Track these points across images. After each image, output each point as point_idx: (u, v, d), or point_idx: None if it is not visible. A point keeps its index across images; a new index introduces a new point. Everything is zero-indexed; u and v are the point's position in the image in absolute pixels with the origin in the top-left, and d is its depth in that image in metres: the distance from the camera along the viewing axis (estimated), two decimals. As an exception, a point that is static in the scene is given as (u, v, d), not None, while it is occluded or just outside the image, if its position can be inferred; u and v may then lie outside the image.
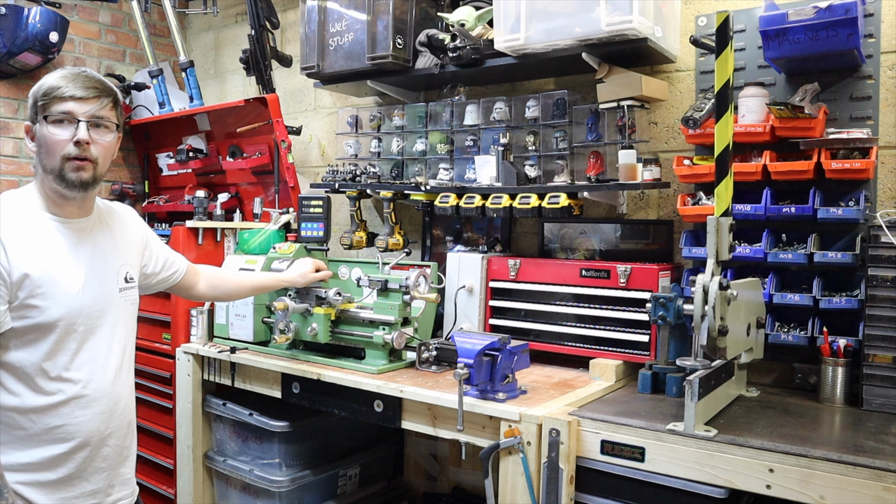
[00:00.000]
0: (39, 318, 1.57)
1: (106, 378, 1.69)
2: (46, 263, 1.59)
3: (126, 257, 1.80)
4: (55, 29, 3.35)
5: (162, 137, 3.83)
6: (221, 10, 3.92)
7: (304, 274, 2.42)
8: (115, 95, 1.67)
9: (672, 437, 1.70)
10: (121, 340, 1.75)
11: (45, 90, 1.59)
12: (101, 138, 1.62)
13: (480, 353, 1.95)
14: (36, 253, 1.58)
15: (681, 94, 2.50)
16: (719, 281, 1.74)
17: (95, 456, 1.68)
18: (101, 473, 1.70)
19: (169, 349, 2.93)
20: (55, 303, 1.58)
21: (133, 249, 1.84)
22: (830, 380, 2.01)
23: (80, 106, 1.58)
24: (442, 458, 3.08)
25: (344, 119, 3.11)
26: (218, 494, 2.90)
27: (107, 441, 1.70)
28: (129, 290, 1.78)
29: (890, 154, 2.12)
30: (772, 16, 2.03)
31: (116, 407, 1.72)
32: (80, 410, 1.64)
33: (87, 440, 1.65)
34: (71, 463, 1.64)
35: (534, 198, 2.48)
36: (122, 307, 1.75)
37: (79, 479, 1.66)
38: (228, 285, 2.25)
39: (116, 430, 1.73)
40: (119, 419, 1.73)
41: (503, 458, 1.88)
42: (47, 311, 1.57)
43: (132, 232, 1.86)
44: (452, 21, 2.63)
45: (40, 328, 1.58)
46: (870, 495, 1.46)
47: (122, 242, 1.80)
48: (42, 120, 1.59)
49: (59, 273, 1.60)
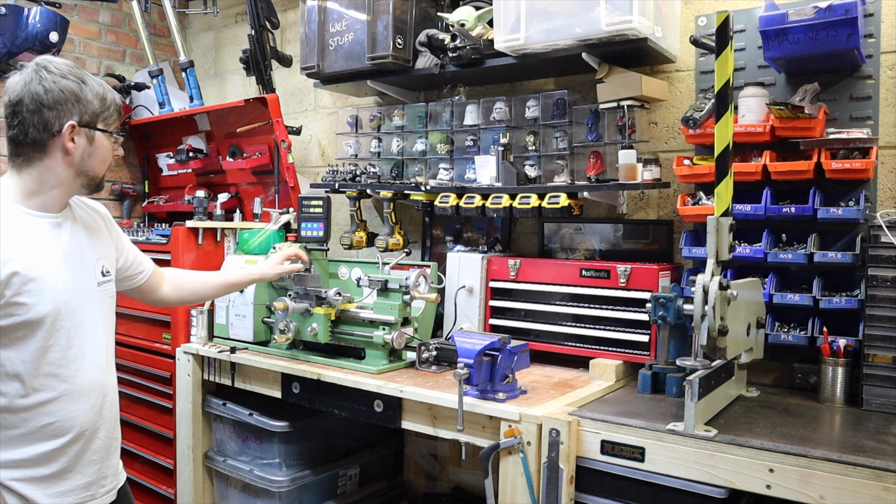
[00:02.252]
0: (27, 315, 1.56)
1: (94, 372, 1.70)
2: (31, 259, 1.58)
3: (101, 250, 1.79)
4: (55, 29, 3.35)
5: (162, 137, 3.83)
6: (221, 10, 3.92)
7: (273, 266, 2.37)
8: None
9: (672, 437, 1.70)
10: (104, 334, 1.76)
11: (110, 102, 1.68)
12: None
13: (480, 353, 1.95)
14: (20, 249, 1.57)
15: (681, 94, 2.50)
16: (719, 281, 1.74)
17: (87, 449, 1.70)
18: (93, 466, 1.71)
19: (169, 349, 2.93)
20: (42, 299, 1.58)
21: (105, 243, 1.83)
22: (830, 380, 2.01)
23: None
24: (442, 458, 3.08)
25: (344, 119, 3.11)
26: (218, 494, 2.90)
27: (98, 433, 1.72)
28: (106, 283, 1.78)
29: (890, 154, 2.12)
30: (772, 16, 2.03)
31: (105, 399, 1.74)
32: (71, 405, 1.65)
33: (80, 434, 1.67)
34: (64, 457, 1.65)
35: (534, 198, 2.48)
36: (101, 301, 1.75)
37: (72, 472, 1.67)
38: (192, 286, 2.17)
39: (106, 422, 1.75)
40: (108, 411, 1.76)
41: (503, 458, 1.88)
42: (35, 307, 1.57)
43: (103, 226, 1.85)
44: (452, 21, 2.63)
45: (28, 325, 1.57)
46: (870, 495, 1.46)
47: (95, 236, 1.79)
48: (104, 131, 1.68)
49: (43, 268, 1.60)
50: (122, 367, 2.94)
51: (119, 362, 2.60)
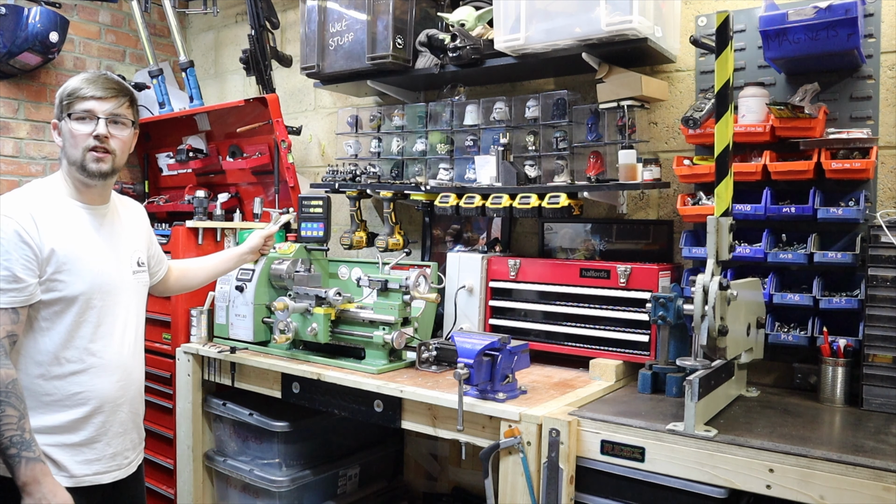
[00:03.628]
0: (64, 292, 1.75)
1: (122, 351, 1.88)
2: (72, 242, 1.77)
3: (137, 243, 2.00)
4: (55, 29, 3.35)
5: (162, 137, 3.83)
6: (221, 10, 3.92)
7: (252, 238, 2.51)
8: (132, 95, 1.87)
9: (672, 437, 1.70)
10: (134, 317, 1.94)
11: (70, 91, 1.79)
12: (118, 133, 1.82)
13: (480, 353, 1.95)
14: (63, 232, 1.76)
15: (681, 94, 2.50)
16: (719, 281, 1.74)
17: (114, 421, 1.86)
18: (119, 437, 1.88)
19: (169, 349, 2.93)
20: (79, 278, 1.77)
21: (142, 238, 2.05)
22: (830, 380, 2.01)
23: (100, 104, 1.78)
24: (442, 458, 3.08)
25: (344, 119, 3.11)
26: (218, 494, 2.90)
27: (122, 407, 1.88)
28: (140, 272, 1.98)
29: (890, 154, 2.12)
30: (772, 16, 2.03)
31: (130, 377, 1.92)
32: (97, 379, 1.82)
33: (103, 405, 1.83)
34: (90, 426, 1.81)
35: (534, 198, 2.48)
36: (135, 288, 1.95)
37: (99, 442, 1.83)
38: (193, 273, 2.38)
39: (132, 399, 1.93)
40: (133, 388, 1.94)
41: (503, 458, 1.88)
42: (71, 285, 1.75)
43: (141, 223, 2.08)
44: (452, 21, 2.63)
45: (64, 301, 1.75)
46: (870, 495, 1.46)
47: (133, 230, 2.01)
48: (66, 117, 1.79)
49: (82, 251, 1.79)
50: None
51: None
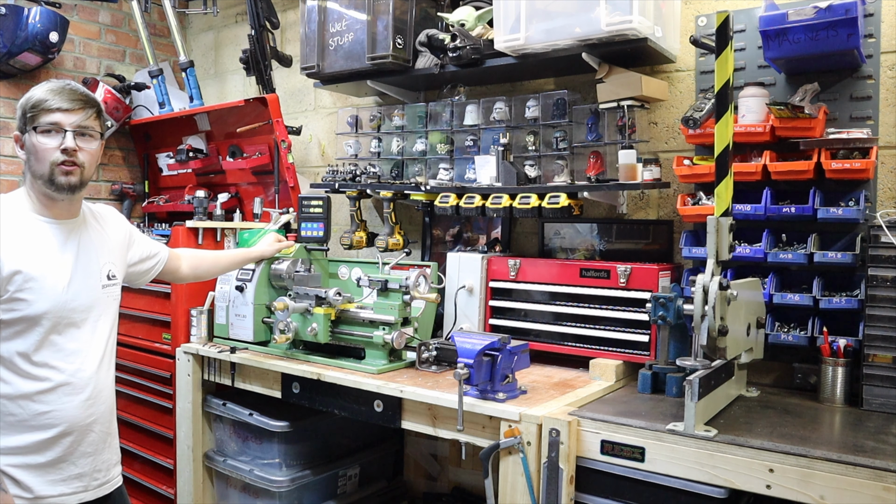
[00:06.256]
0: (27, 311, 1.69)
1: (90, 368, 1.81)
2: (35, 261, 1.72)
3: (109, 256, 1.92)
4: (55, 29, 3.35)
5: (162, 137, 3.83)
6: (221, 10, 3.92)
7: (270, 243, 2.67)
8: (99, 106, 1.81)
9: (672, 437, 1.70)
10: (104, 333, 1.87)
11: (34, 103, 1.73)
12: (86, 146, 1.76)
13: (480, 353, 1.95)
14: (26, 251, 1.71)
15: (681, 94, 2.50)
16: (719, 281, 1.74)
17: (82, 441, 1.80)
18: (87, 458, 1.81)
19: (169, 349, 2.93)
20: (42, 297, 1.71)
21: (117, 248, 1.97)
22: (830, 380, 2.01)
23: (66, 117, 1.72)
24: (442, 458, 3.08)
25: (344, 119, 3.11)
26: (218, 494, 2.90)
27: (92, 427, 1.82)
28: (111, 286, 1.91)
29: (890, 154, 2.12)
30: (772, 16, 2.03)
31: (100, 395, 1.85)
32: (66, 398, 1.76)
33: (72, 426, 1.77)
34: (58, 447, 1.75)
35: (534, 198, 2.48)
36: (105, 302, 1.87)
37: (66, 462, 1.77)
38: (207, 265, 2.42)
39: (101, 417, 1.85)
40: (103, 406, 1.86)
41: (503, 458, 1.88)
42: (34, 304, 1.70)
43: (116, 232, 1.99)
44: (452, 21, 2.63)
45: (28, 320, 1.70)
46: (870, 495, 1.46)
47: (106, 242, 1.93)
48: (31, 130, 1.72)
49: (46, 270, 1.73)
50: (122, 367, 2.95)
51: (119, 362, 2.61)
